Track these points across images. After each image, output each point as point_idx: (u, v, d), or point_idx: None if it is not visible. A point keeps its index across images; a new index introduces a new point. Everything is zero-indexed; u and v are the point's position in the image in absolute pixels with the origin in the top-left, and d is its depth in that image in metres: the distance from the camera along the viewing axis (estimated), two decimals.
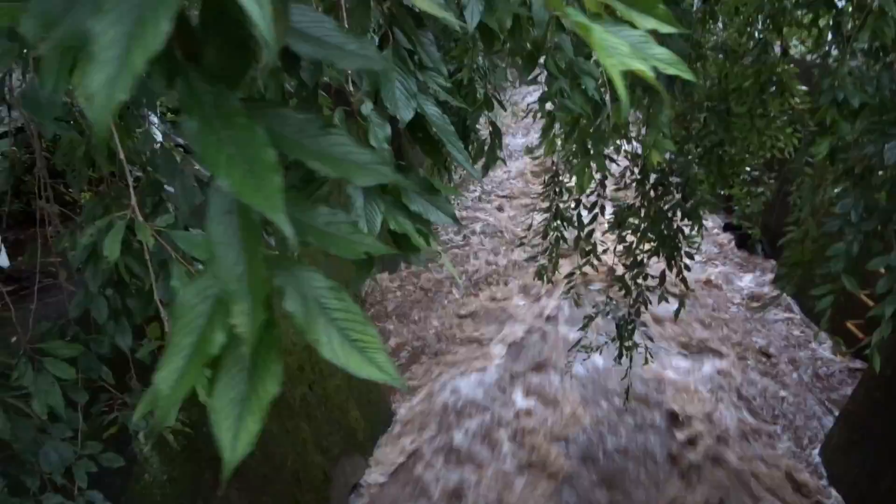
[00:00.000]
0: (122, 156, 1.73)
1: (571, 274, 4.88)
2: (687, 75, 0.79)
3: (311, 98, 1.56)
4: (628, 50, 0.71)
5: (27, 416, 2.35)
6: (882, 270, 2.82)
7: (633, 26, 0.80)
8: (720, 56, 4.54)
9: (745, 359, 8.23)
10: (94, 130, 0.60)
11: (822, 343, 8.04)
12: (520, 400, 7.50)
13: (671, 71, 0.80)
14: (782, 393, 7.62)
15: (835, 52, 3.35)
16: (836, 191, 3.15)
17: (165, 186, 2.58)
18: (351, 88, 1.38)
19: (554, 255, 4.75)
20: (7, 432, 2.25)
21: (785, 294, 3.78)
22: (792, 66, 4.46)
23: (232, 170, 0.68)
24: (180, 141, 2.96)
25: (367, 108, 1.31)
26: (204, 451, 4.39)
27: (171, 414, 0.76)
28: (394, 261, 1.36)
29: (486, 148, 2.81)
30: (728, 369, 7.98)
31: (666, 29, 0.82)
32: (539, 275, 4.95)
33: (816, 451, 6.73)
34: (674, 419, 7.06)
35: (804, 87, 4.50)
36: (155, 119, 2.84)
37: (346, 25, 1.28)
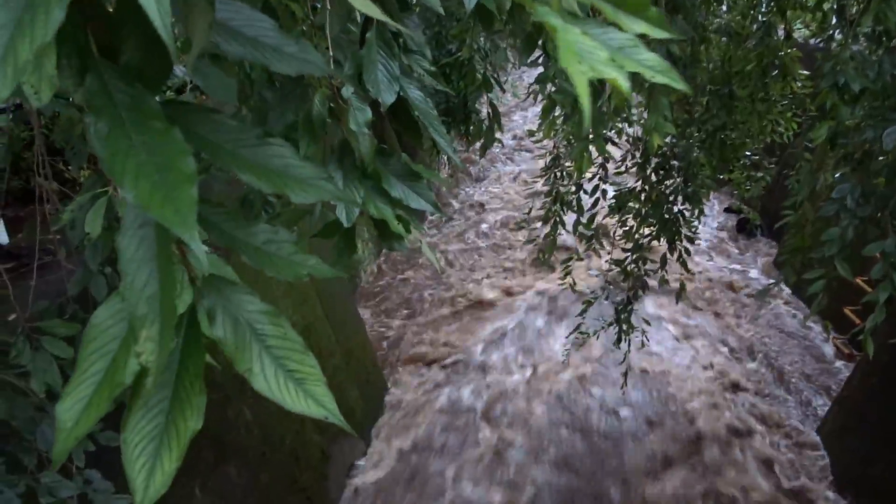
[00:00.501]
0: None
1: (569, 259, 4.88)
2: (678, 85, 0.71)
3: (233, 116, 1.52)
4: (605, 56, 0.62)
5: (25, 395, 2.35)
6: (878, 256, 2.83)
7: (621, 29, 0.73)
8: (723, 39, 4.51)
9: (740, 342, 8.26)
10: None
11: (815, 328, 8.07)
12: None
13: (660, 79, 0.71)
14: (776, 377, 7.66)
15: (838, 37, 3.33)
16: (835, 176, 3.14)
17: None
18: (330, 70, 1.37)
19: (552, 238, 4.75)
20: (4, 410, 2.25)
21: (783, 282, 3.78)
22: (795, 49, 4.44)
23: (140, 180, 0.60)
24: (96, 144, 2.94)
25: (347, 91, 1.28)
26: (202, 429, 4.41)
27: (70, 447, 0.70)
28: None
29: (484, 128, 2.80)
30: (722, 352, 8.03)
31: (657, 34, 0.75)
32: (538, 259, 4.95)
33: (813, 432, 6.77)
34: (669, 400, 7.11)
35: (806, 72, 4.48)
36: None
37: (329, 8, 1.25)
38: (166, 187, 0.60)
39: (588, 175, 4.15)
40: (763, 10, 4.46)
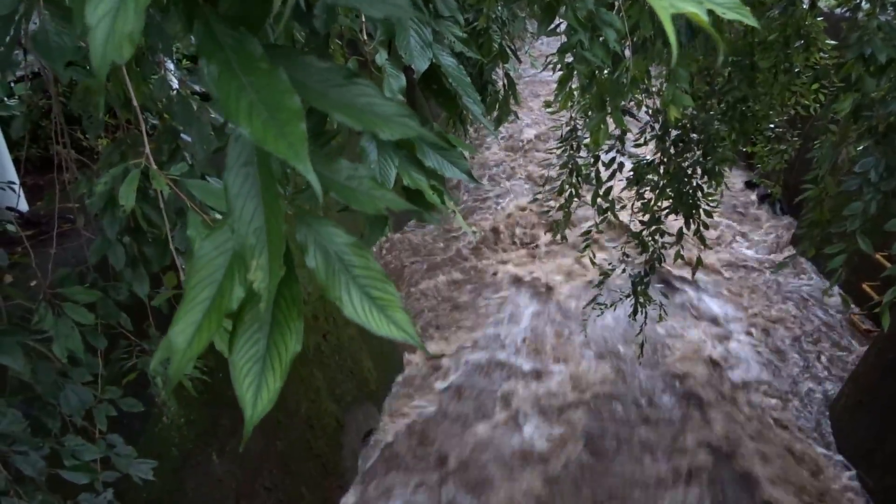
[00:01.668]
0: (135, 102, 1.72)
1: (588, 232, 4.86)
2: (750, 21, 0.73)
3: (323, 47, 1.53)
4: None
5: (48, 360, 2.40)
6: None
7: None
8: (746, 7, 4.41)
9: (758, 316, 8.22)
10: (94, 68, 0.58)
11: (833, 300, 8.01)
12: None
13: (731, 16, 0.73)
14: (791, 351, 7.64)
15: (865, 6, 3.25)
16: (858, 149, 3.09)
17: (182, 134, 2.58)
18: (365, 38, 1.36)
19: (567, 210, 4.72)
20: (28, 374, 2.30)
21: (801, 255, 3.75)
22: (820, 19, 4.33)
23: (253, 117, 0.66)
24: (197, 88, 2.94)
25: (381, 57, 1.28)
26: (221, 396, 4.49)
27: (186, 368, 0.75)
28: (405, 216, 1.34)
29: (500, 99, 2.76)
30: (740, 326, 8.00)
31: None
32: (552, 230, 4.93)
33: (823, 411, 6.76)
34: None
35: (832, 42, 4.38)
36: (171, 65, 2.82)
37: None
38: (278, 124, 0.65)
39: (605, 147, 4.11)
40: None
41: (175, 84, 2.77)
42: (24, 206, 4.09)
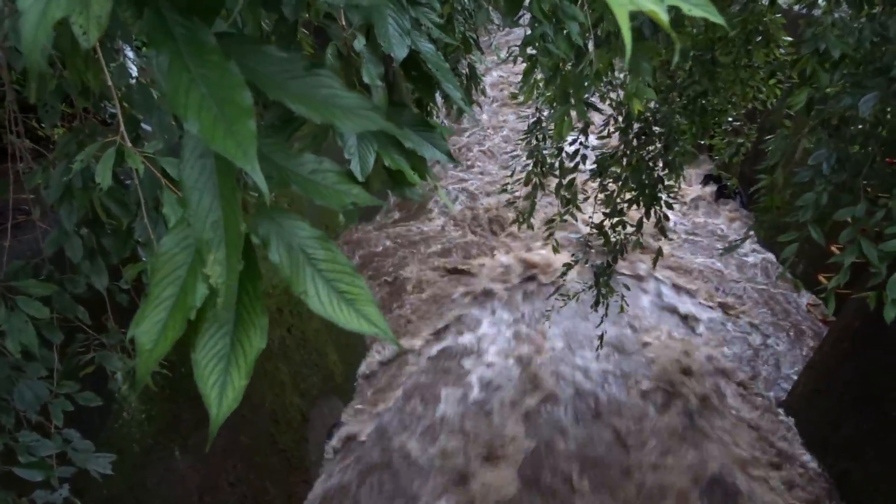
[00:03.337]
0: (110, 82, 1.67)
1: (551, 221, 4.90)
2: (717, 18, 0.70)
3: (291, 35, 1.51)
4: None
5: (1, 355, 2.34)
6: (849, 220, 2.90)
7: None
8: (712, 5, 4.48)
9: (718, 306, 8.40)
10: (25, 54, 0.56)
11: (790, 289, 8.21)
12: None
13: (697, 13, 0.71)
14: (751, 339, 7.82)
15: (822, 3, 3.33)
16: (811, 144, 3.18)
17: (142, 124, 2.53)
18: (343, 24, 1.35)
19: (533, 200, 4.77)
20: None
21: (755, 236, 3.90)
22: (779, 16, 4.43)
23: (202, 112, 0.64)
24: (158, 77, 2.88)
25: (359, 44, 1.27)
26: (183, 391, 4.43)
27: (152, 368, 0.74)
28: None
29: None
30: (698, 314, 8.19)
31: None
32: (517, 220, 4.96)
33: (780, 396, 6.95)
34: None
35: (789, 39, 4.48)
36: (130, 53, 2.76)
37: None
38: (226, 121, 0.63)
39: (569, 139, 4.15)
40: None
41: (134, 72, 2.71)
42: None
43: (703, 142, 4.99)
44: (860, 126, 3.05)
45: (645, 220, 4.68)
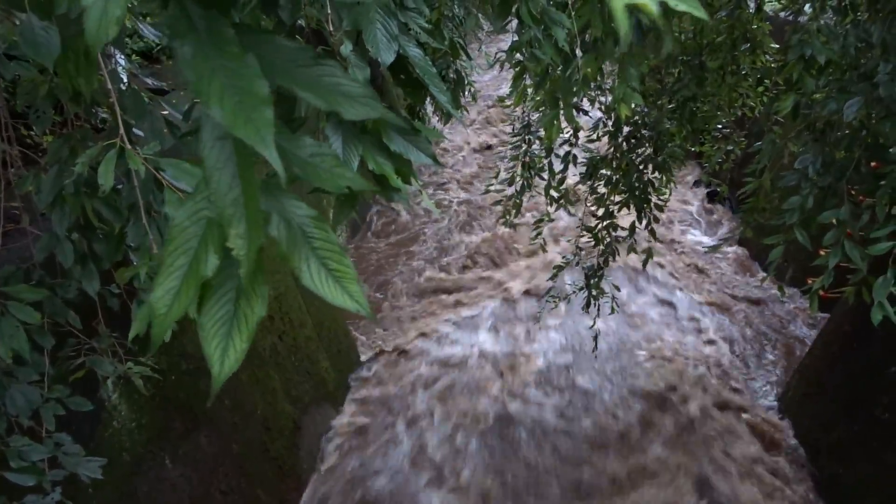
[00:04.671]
0: (110, 85, 1.68)
1: (540, 221, 4.92)
2: (700, 13, 0.73)
3: (290, 38, 1.53)
4: None
5: None
6: (834, 223, 2.94)
7: None
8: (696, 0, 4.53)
9: (711, 307, 8.45)
10: (89, 48, 0.60)
11: (775, 291, 8.27)
12: None
13: (682, 7, 0.74)
14: (743, 341, 7.87)
15: (808, 9, 3.38)
16: (798, 149, 3.23)
17: (134, 129, 2.54)
18: (331, 29, 1.37)
19: (518, 200, 4.79)
20: None
21: (743, 235, 3.97)
22: (766, 23, 4.48)
23: (224, 100, 0.68)
24: (149, 83, 2.90)
25: (346, 48, 1.30)
26: (173, 399, 4.41)
27: (165, 331, 0.79)
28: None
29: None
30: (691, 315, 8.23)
31: None
32: (503, 220, 4.99)
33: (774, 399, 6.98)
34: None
35: (776, 45, 4.53)
36: (121, 59, 2.77)
37: None
38: (246, 109, 0.68)
39: (559, 142, 4.18)
40: None
41: (125, 78, 2.72)
42: None
43: (693, 149, 5.03)
44: (845, 131, 3.10)
45: (638, 224, 4.71)
